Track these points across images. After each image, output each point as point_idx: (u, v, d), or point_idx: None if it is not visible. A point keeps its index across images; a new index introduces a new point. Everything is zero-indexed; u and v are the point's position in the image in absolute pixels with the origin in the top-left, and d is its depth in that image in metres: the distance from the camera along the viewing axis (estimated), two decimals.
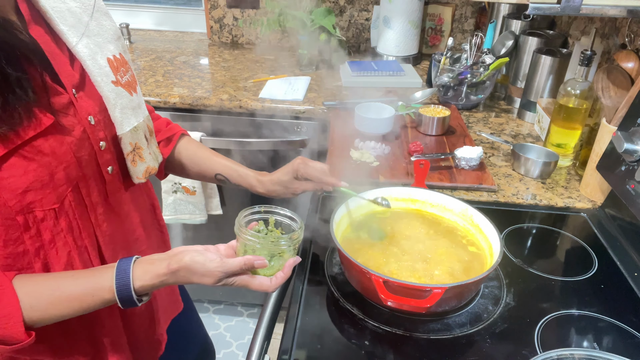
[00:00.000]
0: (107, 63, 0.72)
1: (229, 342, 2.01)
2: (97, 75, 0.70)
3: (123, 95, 0.74)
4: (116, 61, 0.74)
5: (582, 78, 1.19)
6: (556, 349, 0.72)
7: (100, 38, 0.73)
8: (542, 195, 1.16)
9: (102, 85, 0.71)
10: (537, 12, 1.00)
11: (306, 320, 0.81)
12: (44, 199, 0.63)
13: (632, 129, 0.97)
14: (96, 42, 0.71)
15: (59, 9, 0.68)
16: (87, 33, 0.70)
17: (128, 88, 0.75)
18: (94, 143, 0.70)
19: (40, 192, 0.62)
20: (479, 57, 1.58)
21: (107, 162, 0.73)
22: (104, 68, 0.71)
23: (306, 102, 1.59)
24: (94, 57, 0.70)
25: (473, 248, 0.91)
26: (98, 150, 0.71)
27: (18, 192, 0.60)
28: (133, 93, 0.77)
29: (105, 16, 0.75)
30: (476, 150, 1.22)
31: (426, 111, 1.41)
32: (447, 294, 0.74)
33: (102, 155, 0.72)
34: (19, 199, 0.61)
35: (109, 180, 0.74)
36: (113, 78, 0.72)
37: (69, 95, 0.66)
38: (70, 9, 0.69)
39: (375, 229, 0.94)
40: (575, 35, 1.64)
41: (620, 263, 0.97)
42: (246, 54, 2.05)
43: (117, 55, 0.75)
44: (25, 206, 0.61)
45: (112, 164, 0.74)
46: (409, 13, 1.86)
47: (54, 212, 0.65)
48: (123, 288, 0.66)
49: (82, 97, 0.69)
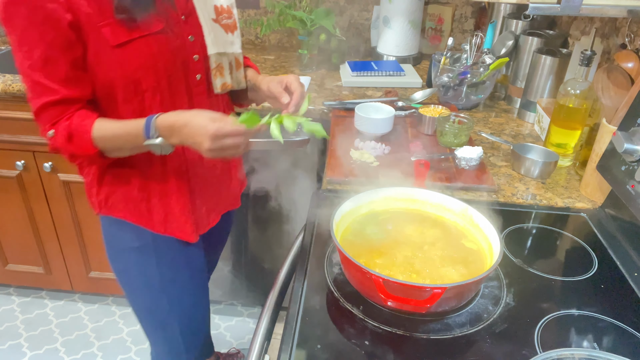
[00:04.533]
0: (213, 7, 1.01)
1: (229, 342, 2.01)
2: (201, 11, 0.98)
3: (218, 30, 1.02)
4: (222, 8, 1.03)
5: (582, 78, 1.19)
6: (556, 349, 0.72)
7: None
8: (542, 195, 1.16)
9: (203, 19, 0.99)
10: (537, 12, 1.00)
11: (306, 320, 0.81)
12: (147, 77, 0.91)
13: (632, 129, 0.97)
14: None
15: None
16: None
17: (225, 28, 1.04)
18: (190, 54, 0.97)
19: (145, 72, 0.90)
20: (479, 57, 1.58)
21: (197, 70, 0.99)
22: (208, 9, 1.00)
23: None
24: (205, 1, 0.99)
25: (473, 248, 0.91)
26: (191, 60, 0.98)
27: (132, 67, 0.89)
28: (229, 33, 1.04)
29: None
30: (476, 150, 1.22)
31: (426, 111, 1.41)
32: (447, 294, 0.74)
33: (194, 64, 0.99)
34: (131, 72, 0.89)
35: (196, 84, 1.00)
36: (214, 16, 1.01)
37: (178, 18, 0.95)
38: None
39: (375, 229, 0.94)
40: (575, 35, 1.64)
41: (620, 263, 0.97)
42: (246, 54, 2.04)
43: (225, 6, 1.04)
44: (136, 79, 0.90)
45: (201, 73, 1.01)
46: (409, 13, 1.86)
47: (153, 87, 0.92)
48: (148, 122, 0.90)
49: (189, 22, 0.97)
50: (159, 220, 1.06)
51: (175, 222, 1.07)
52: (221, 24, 1.03)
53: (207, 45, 1.00)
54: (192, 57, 0.98)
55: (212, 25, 1.01)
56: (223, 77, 1.06)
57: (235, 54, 1.08)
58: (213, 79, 1.04)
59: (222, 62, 1.04)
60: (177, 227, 1.08)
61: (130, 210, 1.05)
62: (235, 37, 1.07)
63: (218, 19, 1.02)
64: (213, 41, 1.01)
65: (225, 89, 1.07)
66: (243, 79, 1.13)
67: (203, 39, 1.00)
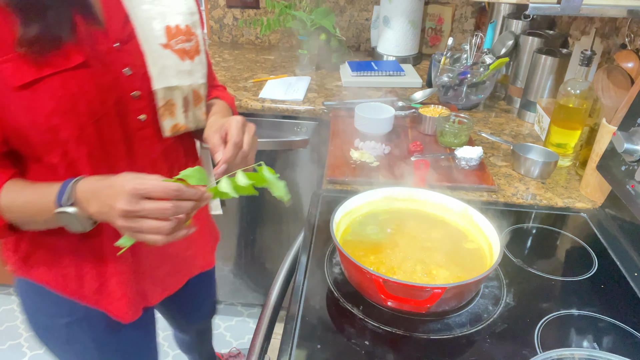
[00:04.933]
0: (164, 29, 0.82)
1: (229, 342, 2.01)
2: (144, 35, 0.80)
3: (169, 57, 0.83)
4: (176, 29, 0.84)
5: (582, 78, 1.19)
6: (556, 349, 0.72)
7: (169, 9, 0.83)
8: (542, 195, 1.16)
9: (146, 45, 0.80)
10: (537, 12, 1.00)
11: (306, 320, 0.81)
12: (67, 124, 0.73)
13: (632, 129, 0.97)
14: (160, 10, 0.82)
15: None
16: (155, 2, 0.82)
17: (181, 54, 0.84)
18: (127, 91, 0.80)
19: (63, 117, 0.73)
20: (479, 57, 1.58)
21: (138, 110, 0.82)
22: (155, 32, 0.81)
23: (306, 102, 1.59)
24: (150, 21, 0.81)
25: (473, 248, 0.91)
26: (129, 98, 0.80)
27: (45, 112, 0.71)
28: (186, 59, 0.85)
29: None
30: (476, 150, 1.22)
31: (426, 111, 1.41)
32: (447, 294, 0.74)
33: (133, 103, 0.81)
34: (46, 119, 0.72)
35: (139, 127, 0.83)
36: (163, 41, 0.82)
37: (109, 46, 0.77)
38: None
39: (375, 229, 0.94)
40: (575, 35, 1.64)
41: (620, 263, 0.97)
42: (246, 54, 2.05)
43: (182, 26, 0.85)
44: (52, 126, 0.73)
45: (146, 113, 0.83)
46: (409, 13, 1.86)
47: (75, 137, 0.75)
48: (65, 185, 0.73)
49: (125, 49, 0.79)
50: (91, 291, 0.89)
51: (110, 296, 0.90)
52: (174, 50, 0.84)
53: (151, 78, 0.81)
54: (129, 95, 0.80)
55: (161, 53, 0.82)
56: (174, 118, 0.86)
57: (194, 87, 0.88)
58: (160, 119, 0.85)
59: (174, 98, 0.85)
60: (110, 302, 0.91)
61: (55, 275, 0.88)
62: (196, 65, 0.87)
63: (170, 43, 0.83)
64: (160, 73, 0.82)
65: (177, 131, 0.88)
66: (204, 115, 0.92)
67: (146, 70, 0.81)
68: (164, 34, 0.82)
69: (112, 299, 0.90)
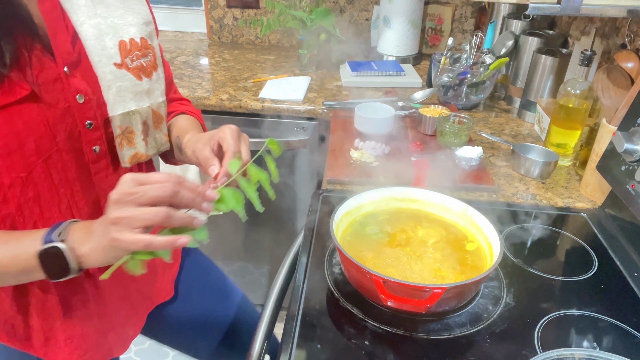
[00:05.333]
0: (117, 45, 0.72)
1: None
2: (95, 56, 0.70)
3: (125, 79, 0.73)
4: (132, 44, 0.74)
5: (582, 78, 1.19)
6: (556, 349, 0.72)
7: (122, 20, 0.73)
8: (542, 195, 1.16)
9: (99, 66, 0.70)
10: (537, 12, 1.00)
11: (306, 320, 0.81)
12: (11, 166, 0.63)
13: (632, 129, 0.97)
14: (112, 24, 0.72)
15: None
16: (104, 14, 0.71)
17: (137, 72, 0.74)
18: (80, 121, 0.70)
19: (7, 159, 0.63)
20: (479, 57, 1.58)
21: (93, 141, 0.72)
22: (108, 50, 0.71)
23: (306, 102, 1.59)
24: (101, 37, 0.70)
25: (473, 248, 0.91)
26: (83, 128, 0.71)
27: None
28: (143, 78, 0.76)
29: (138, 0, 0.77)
30: (476, 150, 1.22)
31: (426, 111, 1.41)
32: (447, 294, 0.74)
33: (87, 134, 0.71)
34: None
35: (94, 160, 0.74)
36: (118, 60, 0.72)
37: (58, 71, 0.66)
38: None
39: (375, 229, 0.94)
40: (575, 35, 1.64)
41: (620, 263, 0.97)
42: (246, 54, 2.05)
43: (137, 39, 0.75)
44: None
45: (100, 144, 0.74)
46: (409, 13, 1.86)
47: (21, 180, 0.65)
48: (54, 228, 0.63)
49: (76, 75, 0.69)
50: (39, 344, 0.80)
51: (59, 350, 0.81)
52: (130, 69, 0.73)
53: (107, 104, 0.72)
54: (83, 126, 0.70)
55: (116, 74, 0.72)
56: (133, 146, 0.77)
57: (153, 107, 0.78)
58: (118, 149, 0.75)
59: (132, 124, 0.75)
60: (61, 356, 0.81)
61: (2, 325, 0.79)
62: (155, 82, 0.78)
63: (125, 61, 0.73)
64: (116, 97, 0.72)
65: (137, 160, 0.79)
66: (165, 137, 0.84)
67: (101, 95, 0.71)
68: (117, 51, 0.72)
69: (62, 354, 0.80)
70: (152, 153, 0.82)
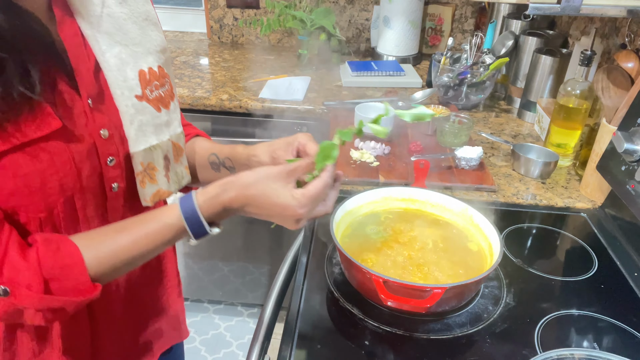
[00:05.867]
0: (137, 75, 0.67)
1: (229, 342, 2.01)
2: (117, 88, 0.66)
3: (146, 112, 0.69)
4: (150, 74, 0.69)
5: (582, 78, 1.19)
6: (556, 349, 0.72)
7: (140, 48, 0.69)
8: (542, 195, 1.16)
9: (121, 100, 0.66)
10: (537, 12, 1.00)
11: (306, 320, 0.81)
12: (30, 205, 0.59)
13: (632, 129, 0.97)
14: (132, 52, 0.67)
15: (96, 14, 0.63)
16: (124, 41, 0.66)
17: (156, 104, 0.70)
18: (102, 157, 0.66)
19: (27, 198, 0.58)
20: (479, 57, 1.58)
21: (113, 178, 0.68)
22: (130, 81, 0.66)
23: (306, 102, 1.59)
24: (123, 68, 0.66)
25: (473, 248, 0.91)
26: (105, 164, 0.66)
27: (3, 193, 0.56)
28: (162, 109, 0.71)
29: (154, 26, 0.72)
30: (476, 150, 1.22)
31: None
32: (447, 294, 0.74)
33: (108, 171, 0.67)
34: (2, 200, 0.57)
35: (111, 197, 0.69)
36: (139, 92, 0.67)
37: (83, 104, 0.63)
38: (112, 14, 0.65)
39: (375, 229, 0.94)
40: (575, 35, 1.64)
41: (620, 263, 0.97)
42: (246, 54, 2.05)
43: (155, 68, 0.70)
44: (9, 208, 0.58)
45: (119, 181, 0.69)
46: (409, 13, 1.86)
47: (38, 220, 0.60)
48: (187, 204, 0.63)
49: (99, 108, 0.65)
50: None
51: None
52: (150, 101, 0.69)
53: (128, 140, 0.68)
54: (105, 161, 0.66)
55: (137, 107, 0.67)
56: (155, 183, 0.72)
57: (173, 139, 0.74)
58: (140, 187, 0.70)
59: (154, 159, 0.71)
60: None
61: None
62: (173, 112, 0.74)
63: (145, 93, 0.68)
64: (138, 131, 0.68)
65: (160, 197, 0.74)
66: (186, 170, 0.80)
67: (122, 130, 0.67)
68: (138, 82, 0.67)
69: None
70: (173, 189, 0.77)
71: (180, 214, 0.63)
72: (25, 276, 0.55)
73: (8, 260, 0.55)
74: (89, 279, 0.59)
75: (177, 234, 0.64)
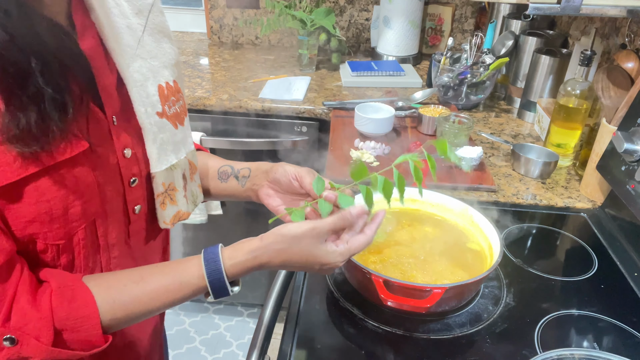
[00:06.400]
0: (157, 91, 0.64)
1: (229, 342, 2.01)
2: (140, 105, 0.61)
3: (166, 129, 0.65)
4: (168, 89, 0.66)
5: (582, 78, 1.19)
6: (556, 349, 0.72)
7: (157, 62, 0.65)
8: (542, 195, 1.16)
9: (145, 117, 0.62)
10: (537, 12, 1.00)
11: (306, 320, 0.81)
12: (50, 232, 0.53)
13: (632, 129, 0.97)
14: (150, 67, 0.64)
15: (117, 25, 0.59)
16: (142, 55, 0.63)
17: (174, 120, 0.67)
18: (125, 178, 0.61)
19: (47, 225, 0.53)
20: (479, 57, 1.58)
21: (135, 200, 0.63)
22: (152, 97, 0.63)
23: (306, 102, 1.59)
24: (145, 83, 0.62)
25: (473, 248, 0.91)
26: (127, 186, 0.62)
27: (22, 220, 0.51)
28: (179, 126, 0.68)
29: (167, 38, 0.68)
30: (476, 150, 1.22)
31: (426, 111, 1.41)
32: (447, 294, 0.74)
33: (131, 192, 0.63)
34: (21, 227, 0.51)
35: (134, 220, 0.64)
36: (159, 109, 0.64)
37: (108, 123, 0.58)
38: (131, 26, 0.61)
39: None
40: (575, 35, 1.64)
41: (620, 263, 0.97)
42: (246, 54, 2.04)
43: (171, 82, 0.67)
44: (27, 235, 0.52)
45: (141, 203, 0.65)
46: (409, 13, 1.86)
47: (57, 247, 0.55)
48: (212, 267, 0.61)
49: (122, 126, 0.60)
50: None
51: None
52: (169, 117, 0.66)
53: (150, 159, 0.64)
54: (128, 182, 0.62)
55: (159, 125, 0.64)
56: (175, 204, 0.69)
57: (189, 157, 0.71)
58: (160, 208, 0.67)
59: (174, 179, 0.68)
60: None
61: None
62: (186, 129, 0.71)
63: (165, 110, 0.65)
64: (160, 150, 0.65)
65: (179, 219, 0.71)
66: (199, 188, 0.77)
67: (144, 149, 0.64)
68: (158, 99, 0.64)
69: None
70: (190, 209, 0.74)
71: (204, 275, 0.60)
72: (36, 327, 0.51)
73: (19, 308, 0.51)
74: (101, 332, 0.55)
75: (196, 292, 0.62)
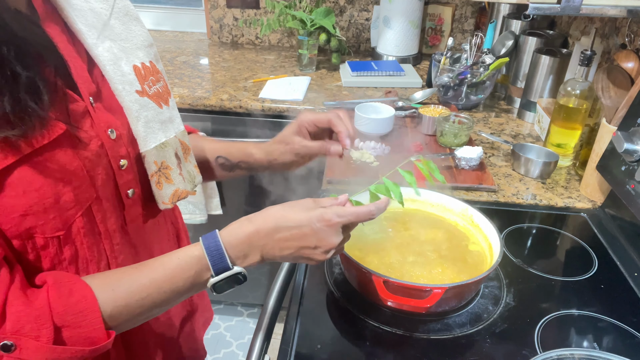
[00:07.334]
0: (133, 70, 0.64)
1: (229, 342, 2.01)
2: (118, 83, 0.62)
3: (149, 107, 0.65)
4: (144, 69, 0.66)
5: (582, 78, 1.19)
6: (556, 349, 0.72)
7: (128, 43, 0.65)
8: (542, 195, 1.16)
9: (124, 95, 0.62)
10: (537, 12, 1.00)
11: (306, 320, 0.81)
12: (47, 224, 0.53)
13: (632, 129, 0.97)
14: (122, 47, 0.64)
15: (79, 7, 0.60)
16: (111, 37, 0.63)
17: (157, 99, 0.67)
18: (113, 161, 0.60)
19: (42, 217, 0.52)
20: (479, 57, 1.58)
21: (127, 183, 0.63)
22: (127, 75, 0.63)
23: (306, 102, 1.59)
24: (117, 62, 0.62)
25: (473, 248, 0.91)
26: (117, 169, 0.61)
27: (15, 215, 0.50)
28: (163, 105, 0.68)
29: (136, 21, 0.68)
30: (476, 150, 1.22)
31: (426, 111, 1.41)
32: (447, 294, 0.74)
33: (121, 176, 0.62)
34: (15, 222, 0.50)
35: (128, 205, 0.64)
36: (138, 87, 0.64)
37: (85, 104, 0.57)
38: (94, 9, 0.62)
39: (375, 229, 0.94)
40: (575, 35, 1.64)
41: (620, 263, 0.97)
42: (246, 54, 2.05)
43: (147, 63, 0.67)
44: (24, 232, 0.52)
45: (134, 186, 0.64)
46: (409, 13, 1.86)
47: (57, 240, 0.55)
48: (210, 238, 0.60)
49: (101, 107, 0.60)
50: None
51: None
52: (150, 96, 0.66)
53: (137, 139, 0.64)
54: (118, 165, 0.61)
55: (141, 103, 0.64)
56: (171, 182, 0.68)
57: (179, 136, 0.71)
58: (156, 188, 0.66)
59: (167, 157, 0.67)
60: None
61: None
62: (173, 109, 0.71)
63: (144, 88, 0.65)
64: (146, 128, 0.64)
65: (179, 197, 0.70)
66: (196, 169, 0.76)
67: (129, 129, 0.63)
68: (135, 77, 0.64)
69: None
70: (189, 188, 0.73)
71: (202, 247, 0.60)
72: (34, 326, 0.49)
73: (12, 311, 0.49)
74: (103, 325, 0.54)
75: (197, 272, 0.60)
